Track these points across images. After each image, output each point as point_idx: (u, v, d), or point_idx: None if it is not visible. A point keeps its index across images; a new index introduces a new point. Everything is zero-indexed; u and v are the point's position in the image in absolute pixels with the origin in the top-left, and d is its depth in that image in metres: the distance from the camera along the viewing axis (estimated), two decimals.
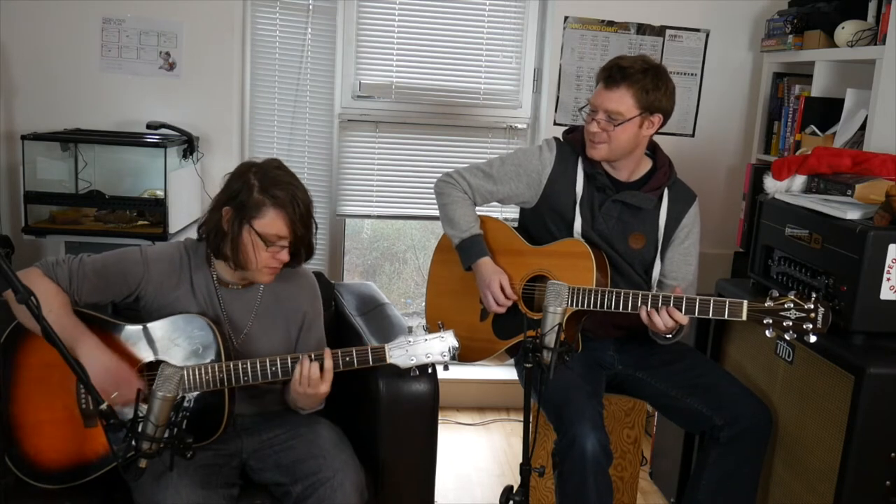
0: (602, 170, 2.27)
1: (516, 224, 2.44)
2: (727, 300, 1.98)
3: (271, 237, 1.83)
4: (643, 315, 2.05)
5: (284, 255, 1.87)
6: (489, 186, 2.34)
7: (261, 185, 1.83)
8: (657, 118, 2.21)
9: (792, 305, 1.92)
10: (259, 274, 1.89)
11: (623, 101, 2.16)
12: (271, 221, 1.83)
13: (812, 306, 1.91)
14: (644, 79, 2.16)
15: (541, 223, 2.33)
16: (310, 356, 1.83)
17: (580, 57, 3.43)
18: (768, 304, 1.94)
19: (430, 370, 1.95)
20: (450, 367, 1.86)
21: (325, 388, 1.84)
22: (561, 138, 2.37)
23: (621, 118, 2.16)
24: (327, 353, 1.83)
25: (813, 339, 1.90)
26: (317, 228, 1.95)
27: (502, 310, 2.25)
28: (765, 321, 1.95)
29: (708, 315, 2.01)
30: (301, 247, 1.91)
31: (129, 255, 1.94)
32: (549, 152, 2.32)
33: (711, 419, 2.13)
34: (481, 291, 2.27)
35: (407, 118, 3.49)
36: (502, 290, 2.22)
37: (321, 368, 1.82)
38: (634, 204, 2.25)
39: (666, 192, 2.29)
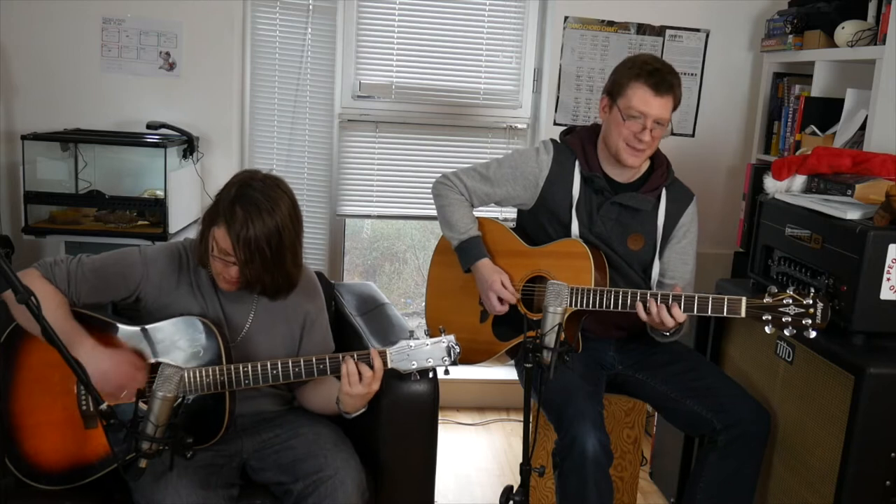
0: (600, 172, 2.27)
1: (514, 225, 2.44)
2: (725, 297, 1.98)
3: (219, 249, 1.81)
4: (640, 312, 2.05)
5: (233, 272, 1.83)
6: (486, 188, 2.34)
7: (234, 196, 1.79)
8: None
9: (791, 301, 1.92)
10: (216, 278, 1.89)
11: (668, 107, 2.16)
12: (221, 235, 1.79)
13: (811, 302, 1.91)
14: (679, 85, 2.18)
15: (538, 225, 2.33)
16: (353, 357, 1.82)
17: (580, 57, 3.42)
18: (767, 300, 1.95)
19: (430, 374, 1.95)
20: (450, 371, 1.86)
21: (375, 385, 1.83)
22: (558, 140, 2.37)
23: (666, 123, 2.17)
24: (374, 353, 1.82)
25: (813, 334, 1.90)
26: (284, 270, 1.84)
27: (504, 310, 2.25)
28: (763, 317, 1.95)
29: (707, 312, 2.01)
30: (251, 277, 1.82)
31: (128, 256, 1.94)
32: (545, 154, 2.31)
33: (711, 422, 2.13)
34: (482, 292, 2.27)
35: (407, 118, 3.49)
36: (505, 287, 2.22)
37: (371, 368, 1.81)
38: (632, 206, 2.25)
39: (664, 192, 2.29)
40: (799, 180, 2.33)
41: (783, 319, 1.93)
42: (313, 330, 2.06)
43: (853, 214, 2.06)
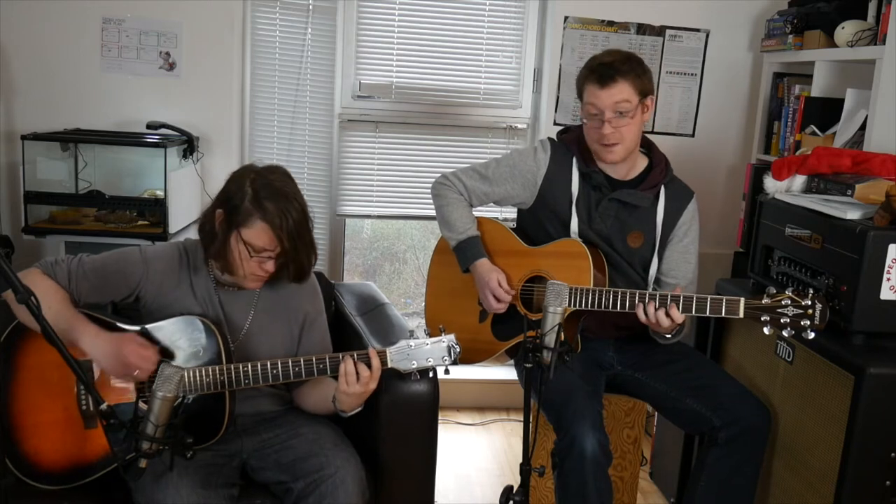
0: (598, 168, 2.27)
1: (514, 225, 2.44)
2: (724, 298, 1.98)
3: (257, 247, 1.82)
4: (640, 314, 2.05)
5: (270, 266, 1.85)
6: (485, 188, 2.34)
7: (254, 194, 1.81)
8: (650, 101, 2.22)
9: (789, 302, 1.92)
10: (245, 280, 1.89)
11: (622, 93, 2.15)
12: (258, 233, 1.81)
13: (809, 303, 1.91)
14: (632, 67, 2.17)
15: (538, 224, 2.33)
16: (352, 356, 1.82)
17: (580, 57, 3.42)
18: (765, 301, 1.94)
19: (430, 373, 1.95)
20: (450, 370, 1.86)
21: (373, 385, 1.83)
22: (556, 139, 2.37)
23: (630, 107, 2.16)
24: (373, 353, 1.82)
25: (811, 335, 1.90)
26: (314, 247, 1.91)
27: (502, 309, 2.25)
28: (762, 318, 1.95)
29: (705, 313, 2.01)
30: (289, 261, 1.87)
31: (128, 255, 1.94)
32: (543, 153, 2.32)
33: (710, 420, 2.13)
34: (480, 292, 2.27)
35: (407, 118, 3.49)
36: (500, 286, 2.22)
37: (369, 368, 1.81)
38: (631, 202, 2.25)
39: (663, 189, 2.29)
40: (799, 180, 2.33)
41: (781, 320, 1.92)
42: (312, 331, 2.06)
43: (853, 214, 2.06)
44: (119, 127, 3.19)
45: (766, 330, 1.95)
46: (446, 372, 1.86)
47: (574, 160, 2.29)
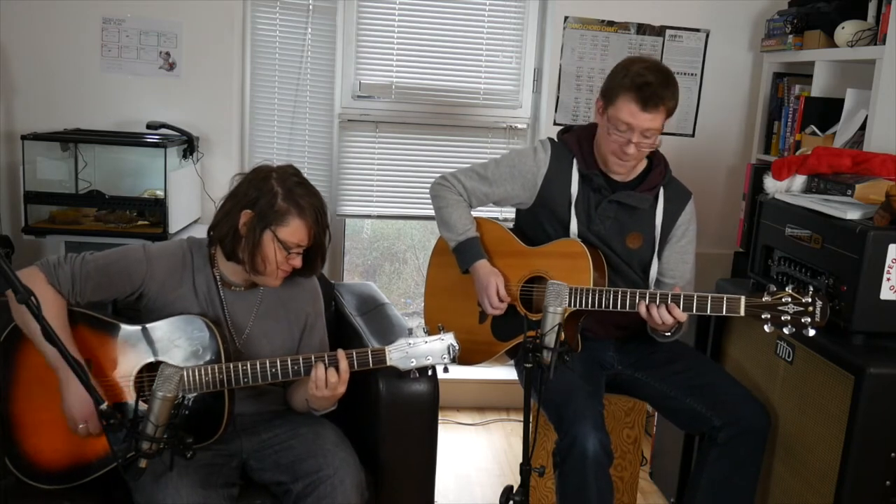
0: (598, 170, 2.27)
1: (512, 225, 2.43)
2: (725, 296, 1.98)
3: (292, 244, 1.85)
4: (642, 311, 2.05)
5: (298, 262, 1.90)
6: (484, 188, 2.34)
7: (284, 192, 1.85)
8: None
9: (790, 300, 1.93)
10: (271, 279, 1.90)
11: (658, 119, 2.12)
12: (294, 230, 1.85)
13: (810, 300, 1.91)
14: (673, 96, 2.13)
15: (537, 224, 2.33)
16: (324, 360, 1.83)
17: (580, 57, 3.43)
18: (766, 298, 1.95)
19: (429, 372, 1.95)
20: (450, 368, 1.86)
21: (341, 389, 1.84)
22: (556, 139, 2.37)
23: (655, 134, 2.15)
24: (341, 354, 1.83)
25: (812, 332, 1.91)
26: (330, 238, 1.98)
27: (499, 312, 2.25)
28: (763, 316, 1.95)
29: (706, 311, 2.01)
30: (317, 255, 1.95)
31: (132, 253, 1.94)
32: (543, 153, 2.31)
33: (710, 420, 2.13)
34: (478, 294, 2.27)
35: (407, 118, 3.49)
36: (497, 293, 2.22)
37: (337, 371, 1.82)
38: (630, 204, 2.25)
39: (661, 191, 2.29)
40: (799, 180, 2.33)
41: (782, 318, 1.93)
42: (312, 332, 2.07)
43: (853, 214, 2.06)
44: (119, 127, 3.19)
45: (766, 328, 1.95)
46: (445, 370, 1.86)
47: (574, 162, 2.29)
